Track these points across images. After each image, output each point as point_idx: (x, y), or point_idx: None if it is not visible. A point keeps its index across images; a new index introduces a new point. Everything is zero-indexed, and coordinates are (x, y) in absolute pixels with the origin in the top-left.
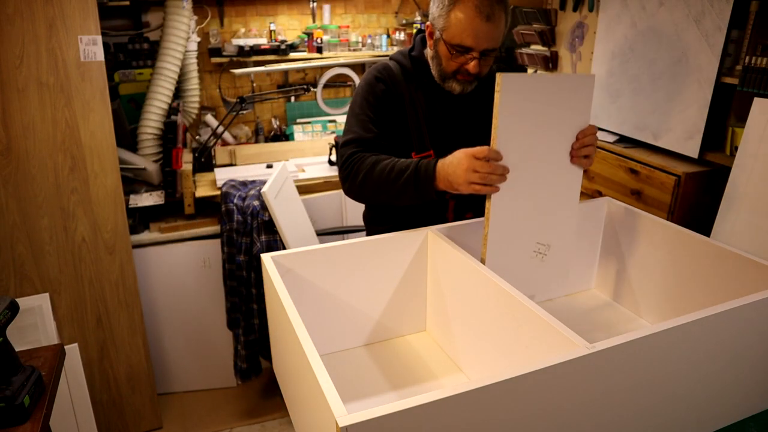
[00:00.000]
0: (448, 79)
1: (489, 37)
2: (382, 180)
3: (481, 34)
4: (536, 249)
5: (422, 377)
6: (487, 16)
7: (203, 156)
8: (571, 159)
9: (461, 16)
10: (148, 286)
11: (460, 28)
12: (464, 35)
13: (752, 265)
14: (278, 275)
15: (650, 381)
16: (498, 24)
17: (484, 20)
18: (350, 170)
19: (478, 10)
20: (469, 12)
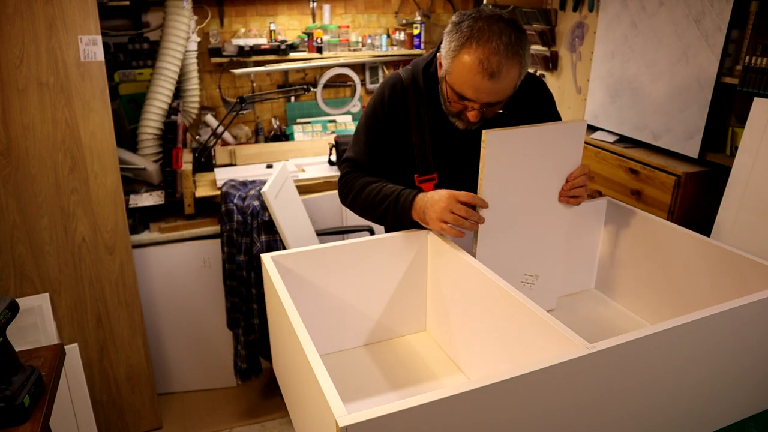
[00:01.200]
0: (452, 116)
1: (491, 92)
2: (367, 203)
3: (482, 89)
4: (524, 279)
5: (422, 377)
6: (491, 73)
7: (203, 156)
8: (559, 198)
9: (464, 66)
10: (148, 286)
11: (461, 78)
12: (464, 87)
13: (752, 265)
14: (278, 275)
15: (650, 381)
16: (505, 80)
17: (486, 77)
18: (343, 189)
19: (482, 66)
20: (473, 65)
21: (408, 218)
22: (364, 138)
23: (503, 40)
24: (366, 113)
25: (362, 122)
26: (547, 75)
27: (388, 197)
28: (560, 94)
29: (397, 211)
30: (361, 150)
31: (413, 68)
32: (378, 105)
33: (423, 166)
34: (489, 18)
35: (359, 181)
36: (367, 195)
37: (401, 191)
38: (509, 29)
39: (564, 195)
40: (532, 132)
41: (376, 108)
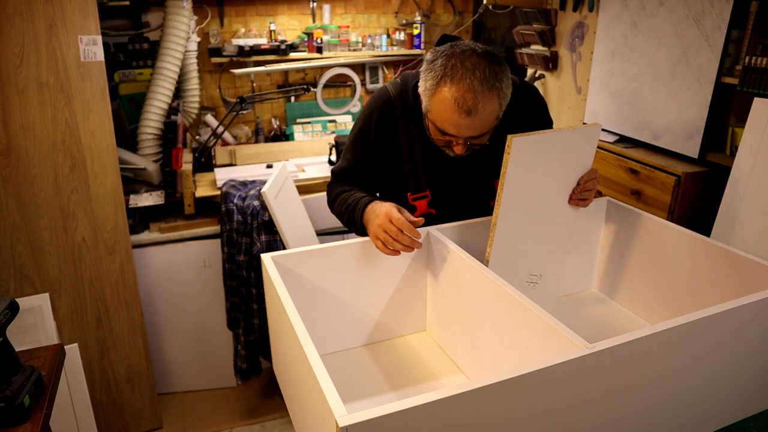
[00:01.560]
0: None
1: (471, 128)
2: (338, 212)
3: (462, 126)
4: (529, 279)
5: (422, 377)
6: (468, 111)
7: (203, 156)
8: (569, 200)
9: (441, 105)
10: (148, 286)
11: (440, 116)
12: (445, 124)
13: (752, 265)
14: (278, 275)
15: (650, 381)
16: (483, 114)
17: (464, 115)
18: (330, 199)
19: (458, 104)
20: (449, 104)
21: (361, 229)
22: (350, 156)
23: (477, 76)
24: (354, 130)
25: (350, 139)
26: (547, 75)
27: (349, 206)
28: (560, 94)
29: (354, 220)
30: (346, 166)
31: (402, 84)
32: (366, 125)
33: (415, 184)
34: (462, 54)
35: (335, 191)
36: (339, 204)
37: (359, 200)
38: (483, 63)
39: (574, 198)
40: (553, 137)
41: (364, 128)
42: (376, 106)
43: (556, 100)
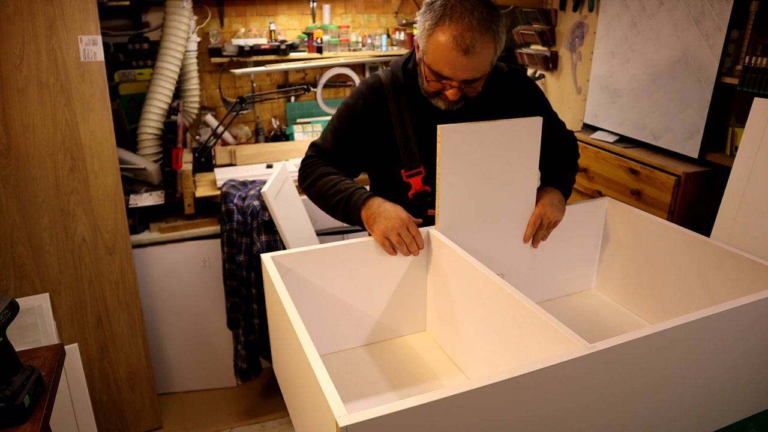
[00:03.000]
0: (432, 97)
1: (468, 69)
2: (321, 192)
3: (459, 66)
4: None
5: (422, 377)
6: (466, 49)
7: (203, 156)
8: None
9: (439, 44)
10: (148, 286)
11: (437, 56)
12: (441, 64)
13: (752, 265)
14: (278, 275)
15: (650, 381)
16: (480, 56)
17: (461, 53)
18: (303, 172)
19: (456, 42)
20: (447, 42)
21: (356, 217)
22: (335, 130)
23: (476, 16)
24: (342, 110)
25: (336, 117)
26: (547, 75)
27: (342, 192)
28: (560, 94)
29: (348, 207)
30: (329, 141)
31: (392, 67)
32: (355, 104)
33: (409, 160)
34: None
35: (319, 169)
36: (323, 184)
37: (356, 189)
38: (481, 5)
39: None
40: (487, 128)
41: (354, 107)
42: (368, 85)
43: (556, 100)
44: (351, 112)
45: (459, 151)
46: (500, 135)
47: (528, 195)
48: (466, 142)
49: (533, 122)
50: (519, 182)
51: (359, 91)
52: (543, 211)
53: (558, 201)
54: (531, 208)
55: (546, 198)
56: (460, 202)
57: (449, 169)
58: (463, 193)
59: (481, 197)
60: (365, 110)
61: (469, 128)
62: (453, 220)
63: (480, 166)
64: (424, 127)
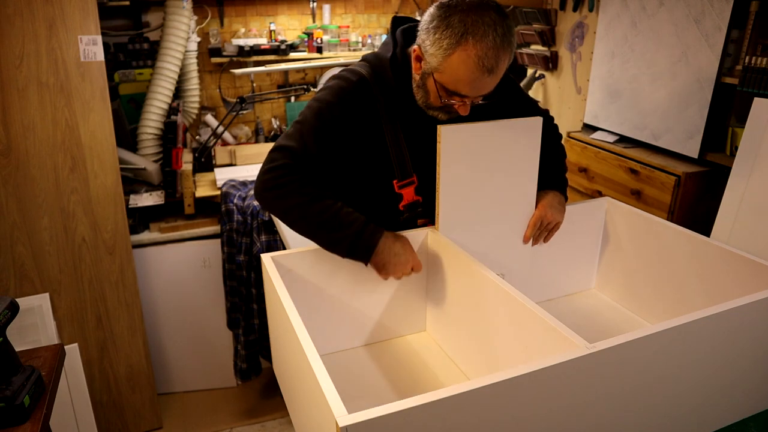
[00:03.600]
0: (433, 109)
1: (488, 87)
2: (316, 220)
3: (479, 86)
4: None
5: (422, 377)
6: (490, 69)
7: (203, 156)
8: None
9: (461, 65)
10: (148, 286)
11: (456, 76)
12: (461, 84)
13: (752, 265)
14: (278, 275)
15: (650, 381)
16: (501, 72)
17: (486, 74)
18: (279, 185)
19: (482, 62)
20: (470, 64)
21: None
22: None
23: (498, 33)
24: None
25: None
26: (547, 75)
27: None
28: (560, 94)
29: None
30: (309, 144)
31: (377, 65)
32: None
33: (401, 169)
34: (479, 8)
35: (307, 189)
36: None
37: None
38: (500, 18)
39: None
40: (486, 128)
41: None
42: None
43: (556, 100)
44: (334, 111)
45: (459, 151)
46: (500, 135)
47: (528, 195)
48: (466, 142)
49: (533, 122)
50: (519, 182)
51: (340, 88)
52: (543, 213)
53: (558, 203)
54: (531, 208)
55: (546, 200)
56: (460, 202)
57: (449, 169)
58: (463, 193)
59: (481, 197)
60: (350, 111)
61: (469, 128)
62: (453, 220)
63: (480, 166)
64: (416, 134)
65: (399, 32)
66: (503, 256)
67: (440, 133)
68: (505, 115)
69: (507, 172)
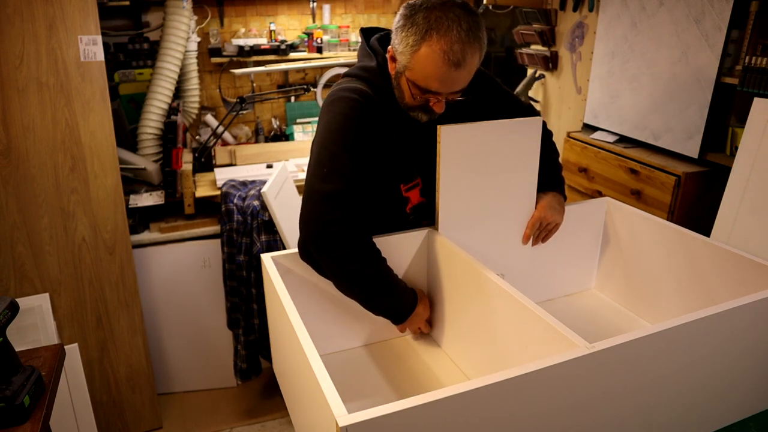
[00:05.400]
0: (413, 110)
1: (458, 81)
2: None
3: (449, 80)
4: None
5: (422, 377)
6: (457, 63)
7: (203, 156)
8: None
9: (428, 60)
10: (148, 286)
11: (425, 72)
12: (430, 80)
13: (752, 265)
14: (278, 275)
15: (650, 381)
16: (469, 66)
17: (453, 68)
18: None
19: (447, 56)
20: (436, 58)
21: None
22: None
23: (463, 27)
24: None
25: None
26: (547, 75)
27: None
28: (560, 94)
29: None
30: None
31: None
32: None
33: (407, 172)
34: (443, 5)
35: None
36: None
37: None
38: (465, 13)
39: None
40: (486, 127)
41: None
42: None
43: (556, 100)
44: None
45: (459, 151)
46: (500, 135)
47: (528, 195)
48: (466, 142)
49: (533, 122)
50: (519, 182)
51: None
52: (543, 214)
53: (557, 203)
54: (531, 207)
55: (545, 201)
56: (460, 202)
57: (449, 169)
58: (463, 193)
59: (481, 197)
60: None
61: (469, 128)
62: (453, 220)
63: (480, 166)
64: (415, 137)
65: (374, 41)
66: (503, 256)
67: (440, 134)
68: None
69: (507, 172)
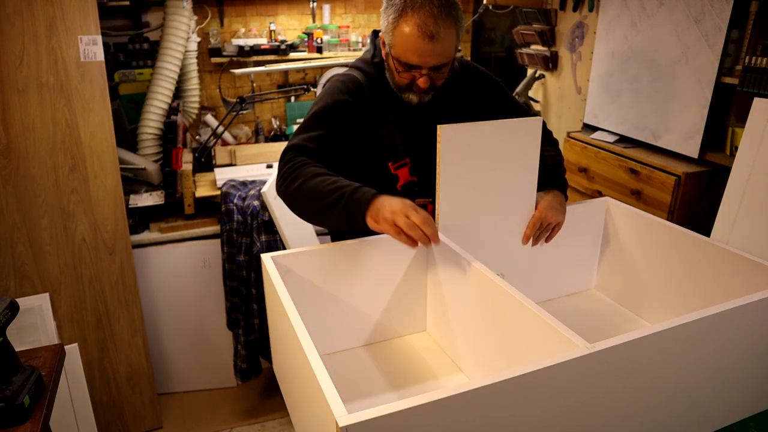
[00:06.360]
0: (403, 91)
1: (435, 54)
2: (317, 191)
3: (425, 53)
4: None
5: (422, 377)
6: (431, 35)
7: (203, 156)
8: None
9: (405, 35)
10: (148, 286)
11: (404, 47)
12: (409, 54)
13: (752, 265)
14: (278, 275)
15: (650, 381)
16: (444, 40)
17: (427, 40)
18: (290, 173)
19: (421, 29)
20: (412, 31)
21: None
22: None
23: (435, 3)
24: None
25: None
26: (547, 75)
27: (344, 187)
28: (560, 94)
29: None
30: (314, 141)
31: (359, 64)
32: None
33: (394, 151)
34: None
35: (310, 168)
36: (319, 183)
37: (359, 186)
38: None
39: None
40: (486, 127)
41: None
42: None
43: (556, 100)
44: (334, 113)
45: (459, 151)
46: (500, 135)
47: (528, 195)
48: (466, 142)
49: (533, 122)
50: (519, 182)
51: (338, 90)
52: (543, 215)
53: (558, 203)
54: (531, 207)
55: (546, 200)
56: (460, 202)
57: (449, 169)
58: (463, 193)
59: (481, 197)
60: (349, 107)
61: (469, 128)
62: (453, 220)
63: (480, 166)
64: (405, 118)
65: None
66: (503, 256)
67: (440, 133)
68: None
69: (507, 172)
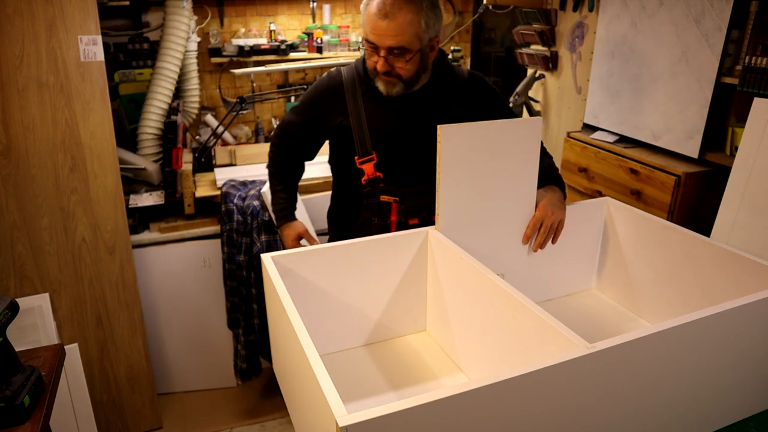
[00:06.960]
0: (375, 77)
1: (388, 34)
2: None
3: (380, 31)
4: None
5: (422, 377)
6: (385, 14)
7: (203, 156)
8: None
9: (368, 15)
10: (148, 286)
11: (367, 26)
12: (368, 32)
13: (752, 265)
14: (278, 275)
15: (650, 381)
16: (398, 20)
17: (382, 18)
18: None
19: (378, 8)
20: (372, 9)
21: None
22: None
23: None
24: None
25: (302, 100)
26: (547, 75)
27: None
28: (560, 94)
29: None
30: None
31: (354, 63)
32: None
33: (362, 147)
34: None
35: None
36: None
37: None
38: None
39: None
40: (486, 127)
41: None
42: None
43: (556, 100)
44: (311, 101)
45: (459, 151)
46: (500, 135)
47: (528, 195)
48: (466, 142)
49: (533, 122)
50: (519, 182)
51: (320, 82)
52: (544, 214)
53: (558, 200)
54: (531, 207)
55: (546, 199)
56: (460, 202)
57: (449, 169)
58: (463, 193)
59: (481, 197)
60: (323, 99)
61: (469, 128)
62: (453, 220)
63: (480, 166)
64: (377, 116)
65: None
66: (503, 256)
67: (440, 133)
68: None
69: (507, 172)
